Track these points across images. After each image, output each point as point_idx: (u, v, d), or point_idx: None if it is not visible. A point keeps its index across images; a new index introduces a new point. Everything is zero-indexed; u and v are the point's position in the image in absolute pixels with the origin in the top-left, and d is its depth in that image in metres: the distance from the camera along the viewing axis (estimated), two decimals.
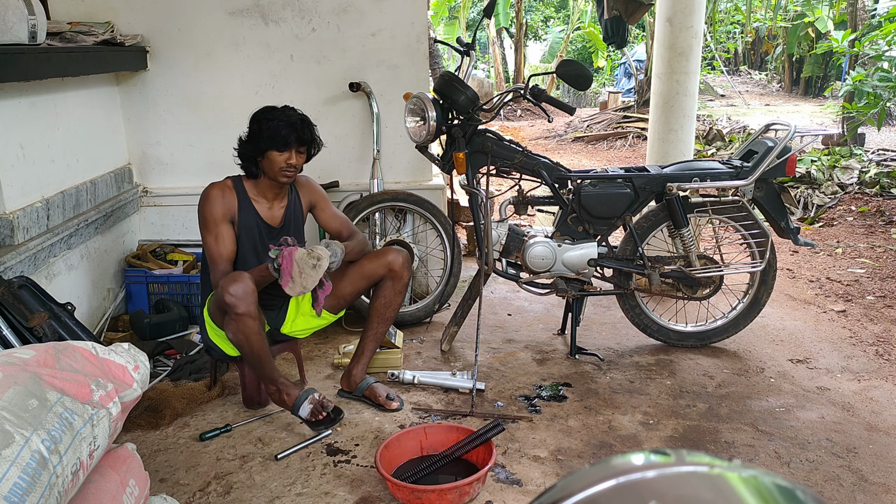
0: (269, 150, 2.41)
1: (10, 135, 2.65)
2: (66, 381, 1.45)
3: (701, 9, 3.73)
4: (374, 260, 2.60)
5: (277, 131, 2.39)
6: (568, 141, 10.76)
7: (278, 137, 2.39)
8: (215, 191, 2.47)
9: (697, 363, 3.06)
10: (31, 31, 2.56)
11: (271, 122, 2.40)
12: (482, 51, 18.68)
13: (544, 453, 2.36)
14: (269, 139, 2.40)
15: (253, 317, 2.29)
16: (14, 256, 2.54)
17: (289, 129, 2.40)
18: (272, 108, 2.46)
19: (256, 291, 2.32)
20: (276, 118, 2.42)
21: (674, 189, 2.92)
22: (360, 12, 3.50)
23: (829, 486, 2.19)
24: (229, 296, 2.25)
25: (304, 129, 2.44)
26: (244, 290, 2.26)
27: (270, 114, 2.43)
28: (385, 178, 3.60)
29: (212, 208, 2.45)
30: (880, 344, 3.25)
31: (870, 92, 5.83)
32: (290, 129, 2.40)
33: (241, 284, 2.26)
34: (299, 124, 2.43)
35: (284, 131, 2.39)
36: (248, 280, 2.28)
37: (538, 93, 2.74)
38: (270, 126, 2.40)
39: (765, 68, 20.48)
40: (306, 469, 2.28)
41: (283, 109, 2.46)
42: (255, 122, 2.45)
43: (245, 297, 2.26)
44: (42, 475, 1.28)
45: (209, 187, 2.50)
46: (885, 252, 4.70)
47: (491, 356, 3.13)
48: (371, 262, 2.59)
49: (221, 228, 2.44)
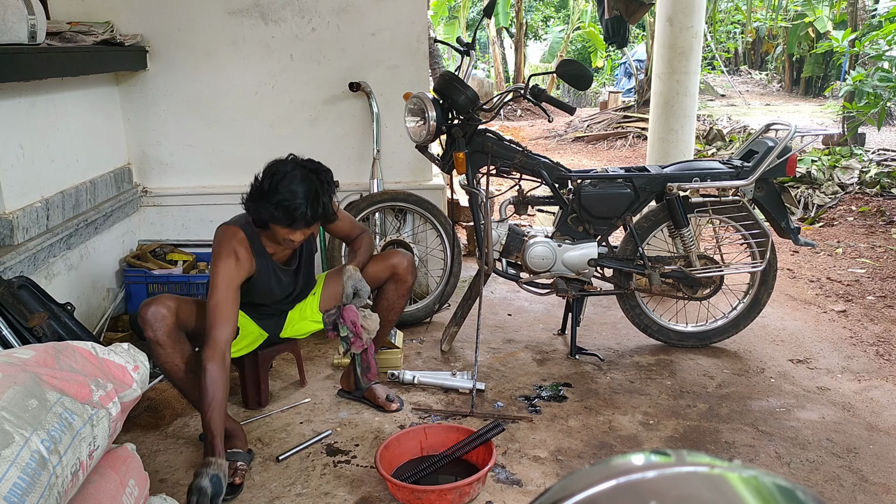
0: (273, 222, 2.17)
1: (9, 135, 2.65)
2: (65, 381, 1.45)
3: (701, 9, 3.73)
4: (378, 263, 2.55)
5: (281, 209, 2.11)
6: (568, 141, 10.77)
7: (282, 216, 2.12)
8: (232, 254, 2.20)
9: (698, 363, 3.06)
10: (31, 30, 2.56)
11: (276, 196, 2.10)
12: (482, 51, 18.69)
13: (544, 453, 2.36)
14: (271, 214, 2.13)
15: (161, 344, 2.14)
16: (14, 256, 2.53)
17: (294, 209, 2.10)
18: (283, 174, 2.12)
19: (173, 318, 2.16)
20: (283, 193, 2.09)
21: (674, 189, 2.92)
22: (360, 12, 3.49)
23: (829, 486, 2.19)
24: (140, 318, 2.13)
25: (313, 208, 2.13)
26: (153, 315, 2.13)
27: (279, 183, 2.10)
28: (385, 178, 3.60)
29: (228, 272, 2.18)
30: (881, 344, 3.25)
31: (870, 92, 5.83)
32: (294, 209, 2.10)
33: (153, 308, 2.14)
34: (307, 203, 2.11)
35: (289, 212, 2.11)
36: (164, 304, 2.15)
37: (538, 93, 2.74)
38: (274, 199, 2.10)
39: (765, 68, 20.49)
40: (306, 469, 2.28)
41: (293, 177, 2.12)
42: (261, 185, 2.15)
43: (154, 321, 2.13)
44: (42, 475, 1.27)
45: (226, 245, 2.21)
46: (885, 252, 4.69)
47: (491, 356, 3.13)
48: (375, 266, 2.54)
49: (230, 295, 2.18)
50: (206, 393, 2.06)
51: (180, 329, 2.21)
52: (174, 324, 2.17)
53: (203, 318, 2.22)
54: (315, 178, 2.16)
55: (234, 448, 2.27)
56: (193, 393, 2.24)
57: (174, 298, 2.21)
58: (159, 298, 2.18)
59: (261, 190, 2.14)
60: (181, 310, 2.21)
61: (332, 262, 3.34)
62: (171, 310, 2.16)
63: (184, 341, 2.22)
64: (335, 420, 2.59)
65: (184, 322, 2.22)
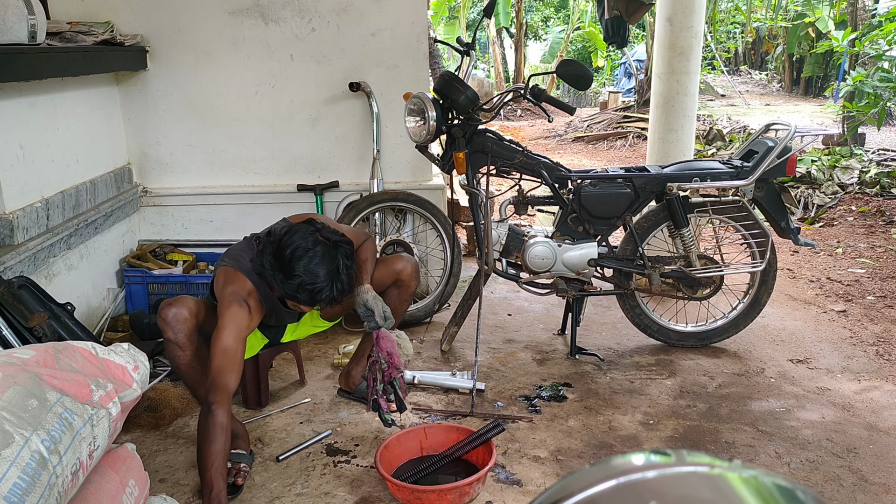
0: (290, 299, 2.10)
1: (9, 135, 2.65)
2: (65, 381, 1.45)
3: (701, 9, 3.73)
4: (382, 269, 2.51)
5: (302, 290, 2.02)
6: (568, 141, 10.77)
7: (302, 296, 2.04)
8: (243, 311, 2.11)
9: (698, 363, 3.06)
10: (31, 30, 2.56)
11: (297, 278, 2.00)
12: (482, 51, 18.69)
13: (544, 453, 2.36)
14: (289, 291, 2.04)
15: (181, 346, 2.16)
16: (14, 256, 2.54)
17: (317, 292, 2.02)
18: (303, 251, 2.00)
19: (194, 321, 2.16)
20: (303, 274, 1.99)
21: (674, 189, 2.92)
22: (360, 12, 3.50)
23: (829, 486, 2.19)
24: (161, 319, 2.15)
25: (334, 291, 2.04)
26: (175, 317, 2.14)
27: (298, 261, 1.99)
28: (385, 177, 3.60)
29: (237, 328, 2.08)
30: (881, 344, 3.25)
31: (870, 92, 5.83)
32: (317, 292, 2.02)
33: (175, 309, 2.15)
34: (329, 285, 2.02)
35: (311, 294, 2.02)
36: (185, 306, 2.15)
37: (538, 93, 2.73)
38: (295, 280, 2.01)
39: (765, 68, 20.48)
40: (306, 469, 2.28)
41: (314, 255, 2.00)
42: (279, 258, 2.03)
43: (175, 323, 2.15)
44: (42, 475, 1.27)
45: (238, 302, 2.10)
46: (885, 252, 4.69)
47: (491, 356, 3.13)
48: (379, 271, 2.49)
49: (238, 349, 2.09)
50: (213, 441, 1.94)
51: (198, 331, 2.23)
52: (194, 326, 2.19)
53: None
54: (337, 256, 2.05)
55: (237, 449, 2.27)
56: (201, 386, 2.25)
57: (194, 300, 2.23)
58: (180, 300, 2.20)
59: (279, 263, 2.03)
60: (200, 312, 2.24)
61: None
62: (192, 312, 2.18)
63: (201, 343, 2.24)
64: (335, 420, 2.59)
65: (201, 324, 2.25)
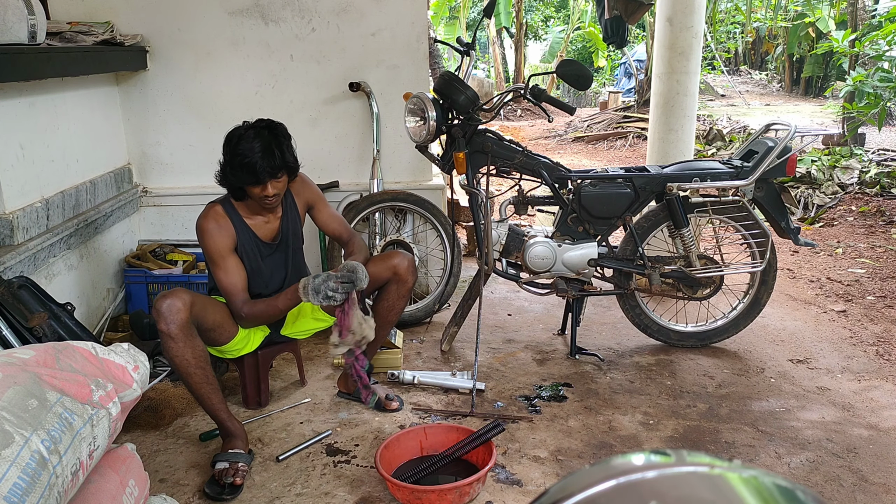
0: (242, 185, 2.29)
1: (9, 135, 2.65)
2: (65, 381, 1.45)
3: (701, 9, 3.73)
4: (379, 264, 2.53)
5: (244, 168, 2.22)
6: (568, 141, 10.77)
7: (246, 174, 2.23)
8: (211, 224, 2.34)
9: (698, 363, 3.06)
10: (31, 30, 2.56)
11: (236, 158, 2.23)
12: (482, 51, 18.68)
13: (544, 453, 2.36)
14: (238, 177, 2.26)
15: (174, 337, 2.15)
16: (14, 256, 2.53)
17: (254, 164, 2.20)
18: (238, 137, 2.25)
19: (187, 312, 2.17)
20: (241, 152, 2.21)
21: (674, 189, 2.92)
22: (360, 12, 3.49)
23: (829, 486, 2.19)
24: (155, 311, 2.15)
25: (271, 159, 2.23)
26: (168, 308, 2.14)
27: (236, 146, 2.23)
28: (385, 178, 3.60)
29: (215, 243, 2.33)
30: (881, 344, 3.25)
31: (870, 92, 5.83)
32: (255, 164, 2.20)
33: (169, 301, 2.15)
34: (265, 155, 2.21)
35: (251, 167, 2.21)
36: (179, 297, 2.17)
37: (538, 93, 2.73)
38: (236, 162, 2.23)
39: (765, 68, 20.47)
40: (306, 469, 2.28)
41: (247, 136, 2.24)
42: (224, 155, 2.29)
43: (169, 314, 2.14)
44: (42, 475, 1.27)
45: (204, 221, 2.35)
46: (885, 252, 4.69)
47: (491, 356, 3.13)
48: (376, 266, 2.52)
49: (229, 261, 2.34)
50: (262, 303, 2.36)
51: (193, 324, 2.22)
52: (188, 318, 2.19)
53: (215, 316, 2.32)
54: (268, 133, 2.26)
55: (235, 448, 2.27)
56: (200, 388, 2.25)
57: (189, 293, 2.23)
58: (175, 292, 2.20)
59: (226, 158, 2.29)
60: (195, 304, 2.23)
61: (332, 263, 3.34)
62: (185, 303, 2.18)
63: (195, 336, 2.23)
64: (335, 420, 2.59)
65: (196, 317, 2.24)
